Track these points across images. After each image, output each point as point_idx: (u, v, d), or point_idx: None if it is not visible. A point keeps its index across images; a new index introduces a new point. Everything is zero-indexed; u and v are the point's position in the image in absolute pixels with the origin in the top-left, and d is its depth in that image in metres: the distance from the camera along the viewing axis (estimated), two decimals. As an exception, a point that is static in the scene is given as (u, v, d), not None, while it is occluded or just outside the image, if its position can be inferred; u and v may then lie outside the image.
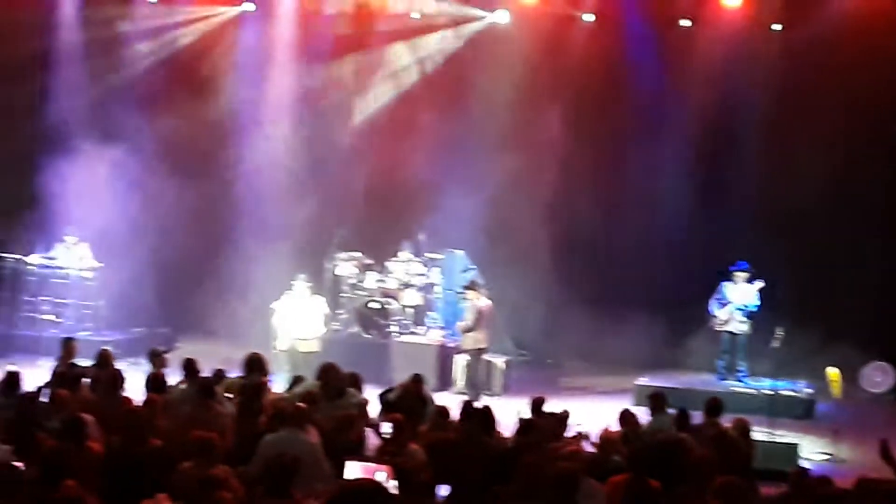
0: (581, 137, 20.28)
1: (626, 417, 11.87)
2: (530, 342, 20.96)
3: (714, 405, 11.99)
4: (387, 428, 10.55)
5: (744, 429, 11.36)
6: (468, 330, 17.29)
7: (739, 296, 17.92)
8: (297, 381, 12.92)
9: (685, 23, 20.76)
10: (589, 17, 21.12)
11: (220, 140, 21.28)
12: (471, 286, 17.55)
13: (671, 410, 12.09)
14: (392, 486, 8.18)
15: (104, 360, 13.13)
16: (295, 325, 17.21)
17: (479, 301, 17.27)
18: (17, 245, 19.60)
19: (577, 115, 20.39)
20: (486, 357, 17.92)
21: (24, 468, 8.15)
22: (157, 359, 13.43)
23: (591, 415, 12.86)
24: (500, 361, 18.49)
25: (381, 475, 8.35)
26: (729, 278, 18.03)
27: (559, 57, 20.75)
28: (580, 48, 20.85)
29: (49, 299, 19.76)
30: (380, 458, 9.46)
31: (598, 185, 20.54)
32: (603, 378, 19.18)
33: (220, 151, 21.29)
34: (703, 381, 18.25)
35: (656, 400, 12.47)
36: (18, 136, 20.64)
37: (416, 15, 21.73)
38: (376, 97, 21.92)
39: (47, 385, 12.05)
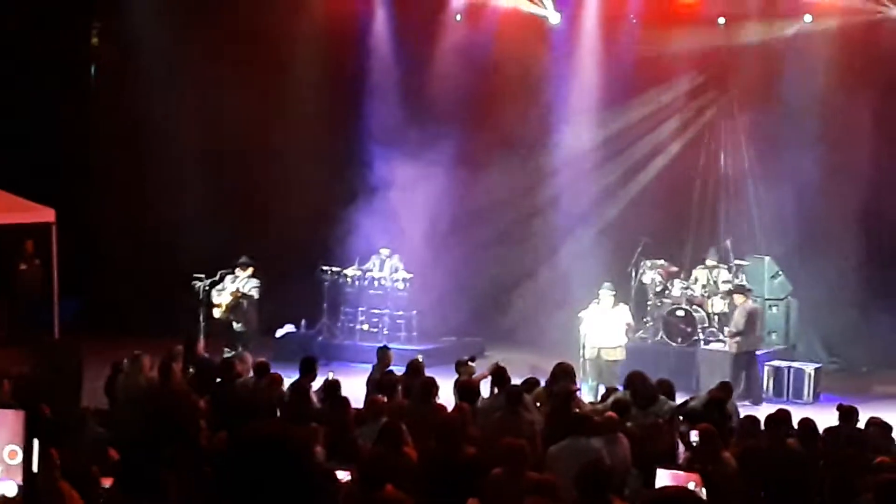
0: (891, 135, 19.50)
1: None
2: (842, 348, 20.31)
3: None
4: (694, 437, 10.54)
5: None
6: (738, 334, 17.11)
7: None
8: (609, 392, 13.02)
9: None
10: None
11: (531, 151, 21.53)
12: (739, 289, 17.44)
13: None
14: (702, 493, 8.19)
15: (415, 368, 13.60)
16: (599, 334, 17.26)
17: (748, 304, 17.10)
18: (335, 258, 20.56)
19: (886, 112, 19.61)
20: (795, 364, 17.64)
21: (343, 473, 8.60)
22: (463, 367, 13.79)
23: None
24: (810, 368, 18.02)
25: (691, 483, 8.38)
26: None
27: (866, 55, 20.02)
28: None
29: (365, 310, 20.62)
30: (689, 466, 9.48)
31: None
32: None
33: (532, 163, 21.53)
34: None
35: None
36: (335, 149, 21.52)
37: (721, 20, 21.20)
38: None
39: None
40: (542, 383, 12.83)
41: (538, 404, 12.00)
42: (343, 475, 8.56)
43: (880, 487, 8.16)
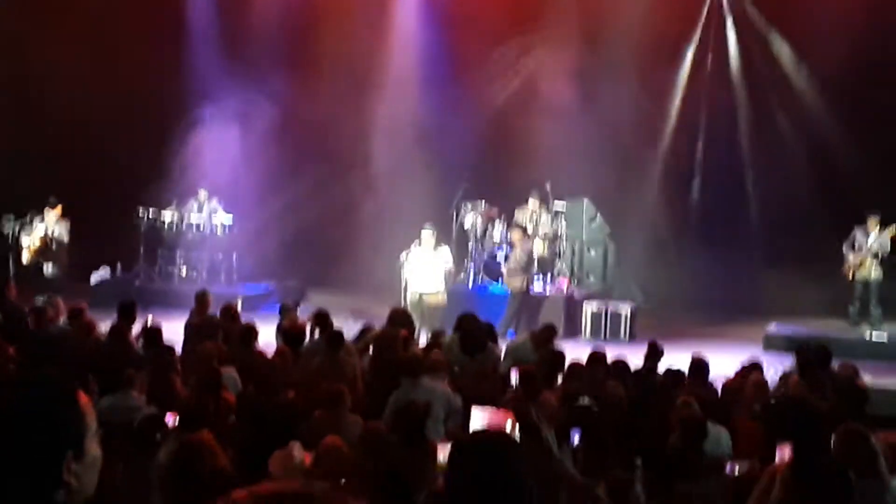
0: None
1: (754, 364, 11.82)
2: (656, 289, 20.80)
3: (825, 353, 11.76)
4: (514, 377, 10.63)
5: (855, 372, 11.26)
6: (517, 272, 17.38)
7: (873, 241, 17.58)
8: (436, 335, 13.03)
9: None
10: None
11: (344, 98, 21.34)
12: (517, 227, 17.70)
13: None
14: (515, 434, 8.24)
15: (229, 312, 13.37)
16: (420, 279, 17.28)
17: (528, 243, 17.40)
18: (152, 202, 20.09)
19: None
20: (611, 304, 18.01)
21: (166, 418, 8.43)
22: (287, 313, 13.66)
23: (720, 362, 12.73)
24: (626, 309, 18.40)
25: (507, 423, 8.41)
26: (862, 223, 17.69)
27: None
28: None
29: (183, 253, 20.24)
30: (505, 406, 9.53)
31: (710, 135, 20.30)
32: (732, 326, 18.93)
33: (347, 108, 21.35)
34: (835, 328, 17.96)
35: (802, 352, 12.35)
36: (153, 99, 21.02)
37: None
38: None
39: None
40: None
41: (371, 349, 11.94)
42: (169, 419, 8.41)
43: (684, 426, 8.37)
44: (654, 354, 12.10)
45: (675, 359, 11.90)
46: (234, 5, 21.76)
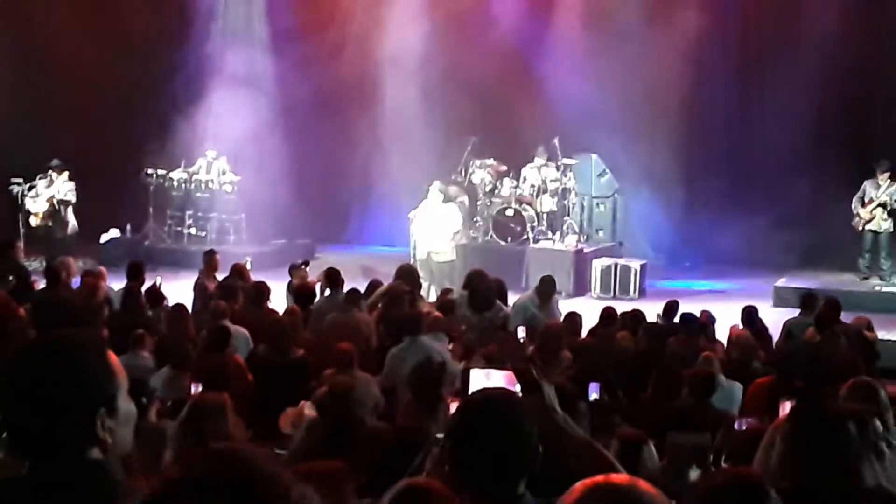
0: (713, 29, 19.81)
1: (751, 315, 11.89)
2: (667, 245, 20.80)
3: (835, 306, 11.79)
4: (521, 333, 10.67)
5: (867, 327, 11.29)
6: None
7: (882, 193, 17.53)
8: (445, 292, 13.04)
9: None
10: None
11: (351, 58, 21.23)
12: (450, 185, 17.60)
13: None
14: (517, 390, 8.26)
15: (238, 271, 13.38)
16: (428, 236, 17.25)
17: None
18: (160, 161, 20.09)
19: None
20: (621, 261, 18.06)
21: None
22: (296, 271, 13.68)
23: (730, 318, 12.75)
24: (636, 264, 18.39)
25: (506, 381, 8.44)
26: (871, 175, 17.64)
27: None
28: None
29: (192, 213, 20.26)
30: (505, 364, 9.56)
31: (731, 86, 20.21)
32: (742, 280, 18.92)
33: (360, 62, 21.20)
34: (845, 281, 17.95)
35: (808, 300, 12.41)
36: (161, 60, 20.98)
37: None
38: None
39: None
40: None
41: (379, 305, 11.96)
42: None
43: (692, 381, 8.40)
44: (670, 313, 12.12)
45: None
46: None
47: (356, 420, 7.39)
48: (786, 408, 7.09)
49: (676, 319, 11.79)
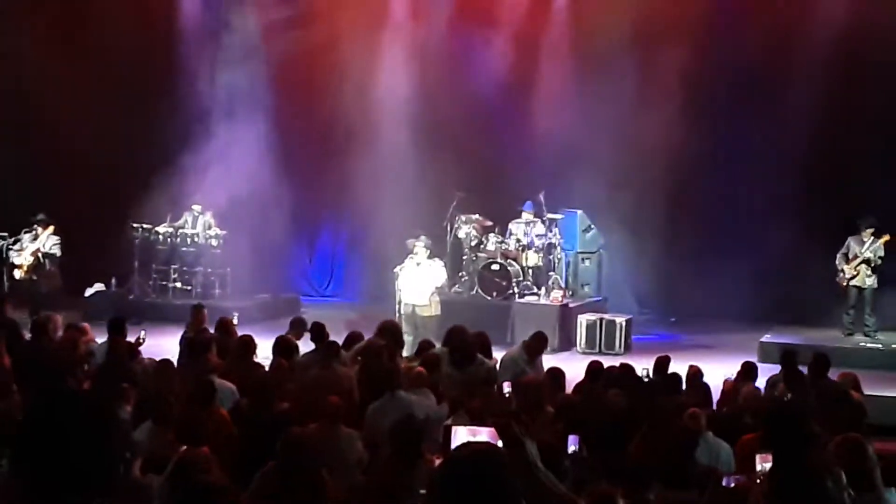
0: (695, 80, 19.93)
1: (748, 370, 11.88)
2: (651, 300, 20.84)
3: (823, 361, 11.81)
4: (507, 388, 10.62)
5: (854, 384, 11.27)
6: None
7: (866, 249, 17.62)
8: (425, 346, 12.97)
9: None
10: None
11: (336, 109, 21.33)
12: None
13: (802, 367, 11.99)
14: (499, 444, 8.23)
15: (224, 326, 13.36)
16: (413, 291, 17.22)
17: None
18: (147, 215, 20.10)
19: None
20: (607, 316, 18.06)
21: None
22: (297, 326, 13.53)
23: (716, 372, 12.76)
24: (621, 319, 18.41)
25: (488, 437, 8.41)
26: (855, 232, 17.74)
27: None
28: None
29: (178, 267, 20.24)
30: (486, 420, 9.52)
31: (716, 140, 20.32)
32: (727, 335, 18.94)
33: (343, 117, 21.30)
34: (829, 338, 17.98)
35: (787, 356, 12.40)
36: (149, 112, 21.01)
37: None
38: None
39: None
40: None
41: (359, 359, 11.94)
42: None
43: (676, 437, 8.37)
44: (660, 369, 12.09)
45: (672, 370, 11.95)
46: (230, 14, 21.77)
47: (310, 470, 7.37)
48: (766, 460, 7.06)
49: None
